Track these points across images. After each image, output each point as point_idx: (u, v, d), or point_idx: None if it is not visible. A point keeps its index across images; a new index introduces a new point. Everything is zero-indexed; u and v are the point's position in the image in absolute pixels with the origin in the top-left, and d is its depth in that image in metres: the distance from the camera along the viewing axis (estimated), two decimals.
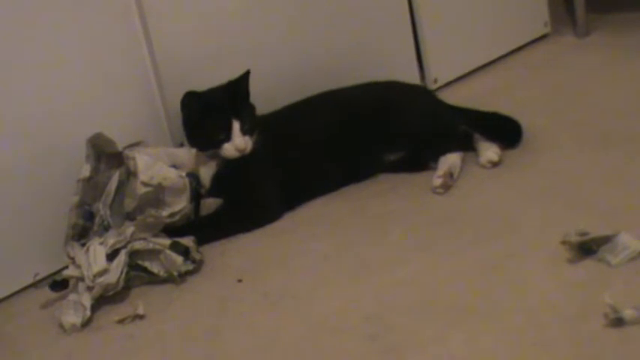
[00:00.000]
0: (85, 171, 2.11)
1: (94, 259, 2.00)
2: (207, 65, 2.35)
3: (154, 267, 2.05)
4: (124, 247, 2.03)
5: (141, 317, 1.96)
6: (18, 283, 2.15)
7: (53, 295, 2.06)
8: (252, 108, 2.25)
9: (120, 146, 2.15)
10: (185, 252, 2.05)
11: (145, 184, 2.09)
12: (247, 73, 2.23)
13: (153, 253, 2.05)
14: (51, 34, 2.12)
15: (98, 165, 2.14)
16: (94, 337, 1.94)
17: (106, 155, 2.14)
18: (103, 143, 2.13)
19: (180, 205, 2.13)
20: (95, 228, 2.13)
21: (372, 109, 2.33)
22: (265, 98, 2.30)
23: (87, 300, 1.97)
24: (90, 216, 2.13)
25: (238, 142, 2.17)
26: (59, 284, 2.06)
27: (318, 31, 2.55)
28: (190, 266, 2.06)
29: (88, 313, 1.96)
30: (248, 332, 1.85)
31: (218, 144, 2.18)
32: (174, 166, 2.16)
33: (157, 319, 1.95)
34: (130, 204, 2.11)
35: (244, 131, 2.19)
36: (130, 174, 2.12)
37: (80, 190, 2.11)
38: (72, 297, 2.00)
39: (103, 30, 2.20)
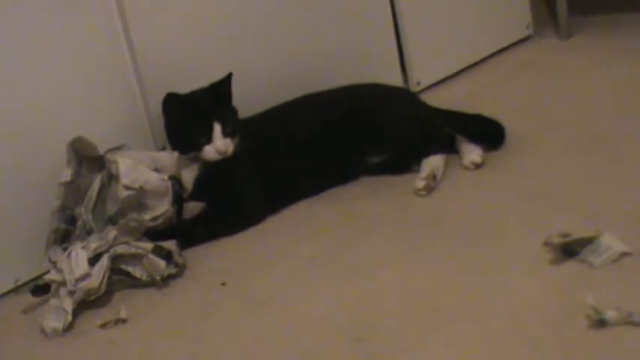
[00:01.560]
0: (66, 175, 2.09)
1: (76, 263, 1.99)
2: (190, 68, 2.34)
3: (137, 271, 2.04)
4: (107, 251, 2.02)
5: (123, 321, 1.95)
6: None
7: (34, 300, 2.04)
8: (234, 111, 2.24)
9: (101, 150, 2.14)
10: (168, 256, 2.04)
11: (127, 188, 2.07)
12: (230, 76, 2.22)
13: (135, 258, 2.04)
14: (32, 37, 2.11)
15: (80, 169, 2.13)
16: (76, 341, 1.93)
17: (87, 159, 2.13)
18: (83, 147, 2.12)
19: (162, 208, 2.12)
20: (77, 232, 2.11)
21: (354, 111, 2.32)
22: (247, 101, 2.29)
23: (68, 305, 1.96)
24: (71, 220, 2.11)
25: (219, 145, 2.17)
26: (41, 289, 2.04)
27: (301, 34, 2.55)
28: (173, 270, 2.05)
29: (70, 317, 1.95)
30: (232, 336, 1.85)
31: (199, 146, 2.18)
32: (157, 170, 2.14)
33: (140, 323, 1.94)
34: (112, 208, 2.10)
35: (226, 134, 2.18)
36: (112, 178, 2.11)
37: (62, 194, 2.10)
38: (53, 302, 1.98)
39: (85, 33, 2.19)
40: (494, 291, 1.81)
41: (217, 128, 2.17)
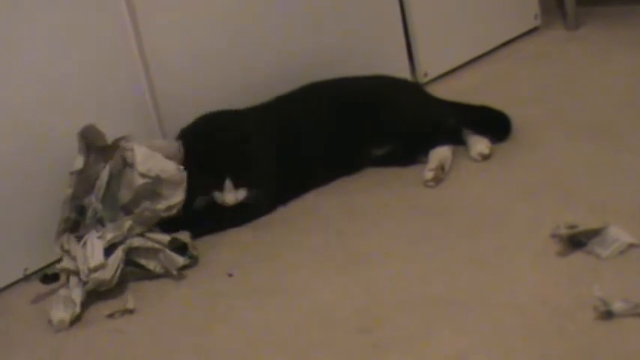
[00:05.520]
0: (79, 163, 2.06)
1: (92, 253, 1.98)
2: (197, 60, 2.35)
3: (150, 264, 2.03)
4: (122, 242, 2.01)
5: (131, 312, 1.95)
6: (8, 277, 2.13)
7: (43, 289, 2.04)
8: (249, 161, 2.17)
9: (109, 139, 2.13)
10: (183, 248, 2.04)
11: (143, 176, 2.05)
12: (249, 136, 2.17)
13: (151, 252, 2.03)
14: (40, 28, 2.11)
15: (88, 158, 2.12)
16: (83, 331, 1.93)
17: (95, 148, 2.13)
18: (93, 136, 2.10)
19: (177, 198, 2.09)
20: (87, 221, 2.09)
21: (360, 102, 2.32)
22: (254, 94, 2.30)
23: (77, 296, 1.96)
24: (81, 210, 2.11)
25: (228, 199, 2.16)
26: (50, 277, 2.04)
27: (308, 25, 2.54)
28: (187, 262, 2.05)
29: (78, 309, 1.95)
30: (239, 326, 1.85)
31: (208, 193, 2.18)
32: None
33: (147, 313, 1.95)
34: (125, 196, 2.08)
35: (237, 186, 2.16)
36: (127, 165, 2.09)
37: (73, 182, 2.08)
38: (62, 292, 1.98)
39: (92, 23, 2.19)
40: (500, 282, 1.81)
41: (229, 184, 2.15)
